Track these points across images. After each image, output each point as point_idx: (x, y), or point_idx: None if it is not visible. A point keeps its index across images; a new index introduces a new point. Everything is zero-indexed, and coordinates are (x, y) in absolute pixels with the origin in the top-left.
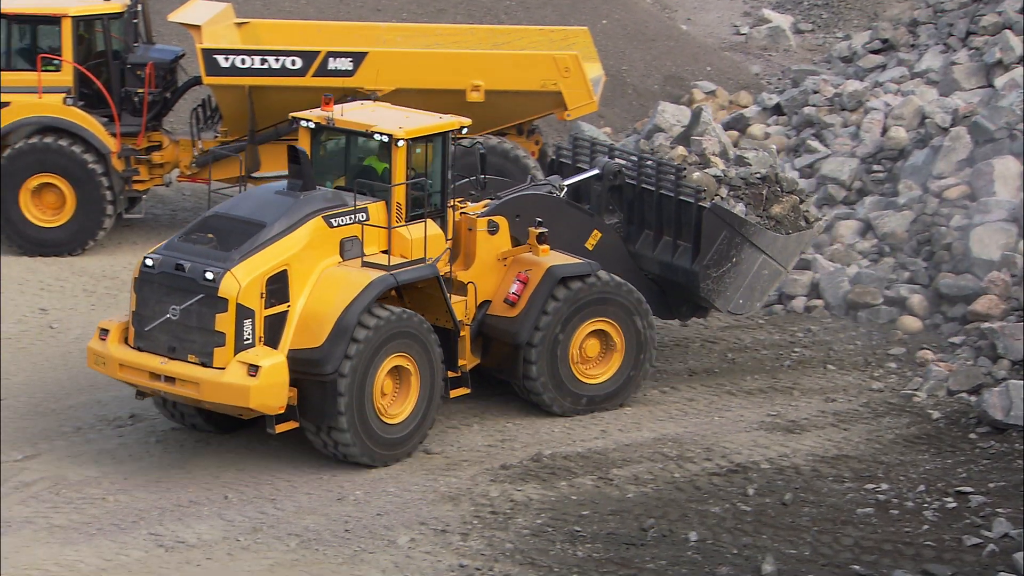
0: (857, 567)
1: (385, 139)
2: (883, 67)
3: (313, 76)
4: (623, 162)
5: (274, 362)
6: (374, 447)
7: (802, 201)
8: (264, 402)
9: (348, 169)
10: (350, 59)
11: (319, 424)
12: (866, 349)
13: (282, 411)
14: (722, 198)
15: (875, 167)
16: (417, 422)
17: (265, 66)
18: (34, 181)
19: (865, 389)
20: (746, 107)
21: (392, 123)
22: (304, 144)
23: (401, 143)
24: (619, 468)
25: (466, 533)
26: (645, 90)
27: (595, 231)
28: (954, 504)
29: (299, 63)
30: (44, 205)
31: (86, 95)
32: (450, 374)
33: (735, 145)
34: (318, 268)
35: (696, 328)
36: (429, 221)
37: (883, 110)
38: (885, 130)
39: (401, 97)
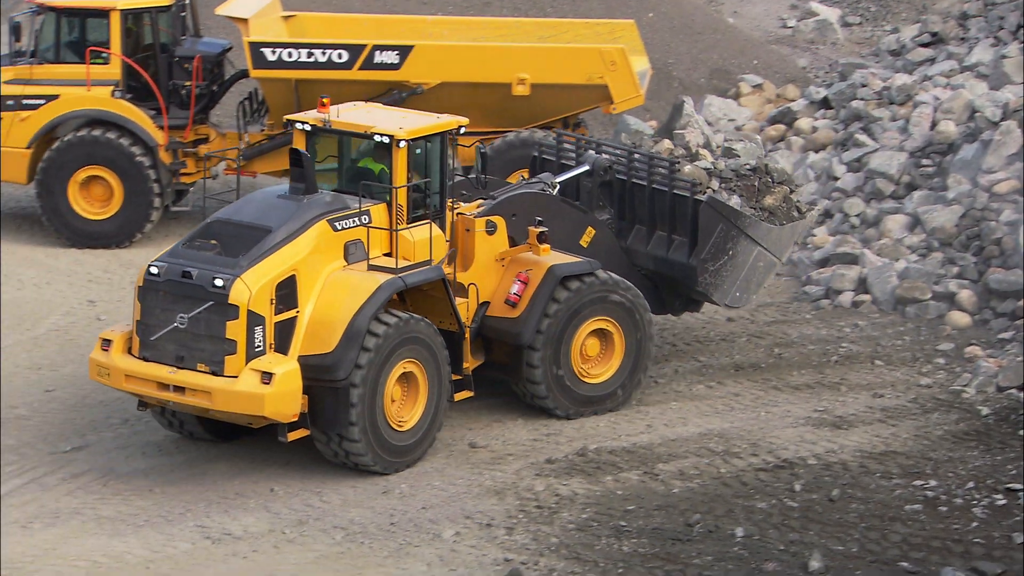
0: (905, 564)
1: (386, 140)
2: (932, 60)
3: (359, 69)
4: (612, 157)
5: (287, 369)
6: (385, 455)
7: (792, 191)
8: (278, 410)
9: (343, 171)
10: (396, 52)
11: (331, 432)
12: (914, 345)
13: (296, 419)
14: (714, 191)
15: (924, 161)
16: (426, 428)
17: (312, 59)
18: (82, 174)
19: (913, 385)
20: (793, 101)
21: (391, 124)
22: (299, 147)
23: (402, 144)
24: (665, 463)
25: (511, 527)
26: (691, 83)
27: (589, 228)
28: (1004, 501)
29: (345, 56)
30: (92, 197)
31: (134, 88)
32: (454, 377)
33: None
34: (324, 272)
35: (742, 323)
36: (430, 223)
37: (932, 104)
38: (934, 124)
39: (446, 91)
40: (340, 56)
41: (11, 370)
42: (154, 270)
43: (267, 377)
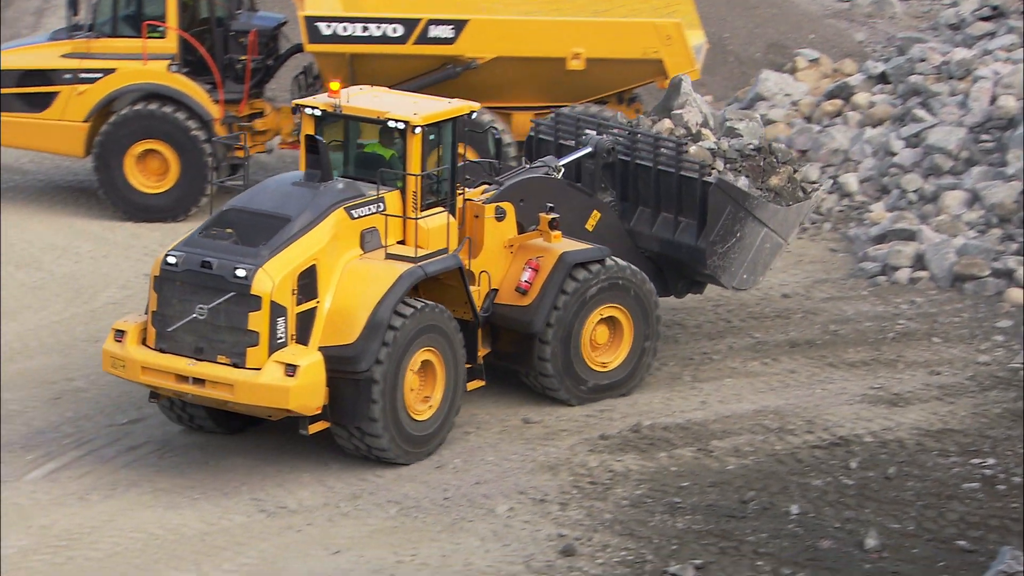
0: (962, 542)
1: (401, 126)
2: (992, 35)
3: (414, 44)
4: (615, 138)
5: (312, 361)
6: (405, 445)
7: (796, 171)
8: (303, 403)
9: (350, 157)
10: (451, 27)
11: (351, 424)
12: (972, 322)
13: (319, 411)
14: (719, 172)
15: (983, 136)
16: (443, 418)
17: (366, 33)
18: (138, 147)
19: (971, 362)
20: (850, 75)
21: (405, 109)
22: (309, 132)
23: (418, 130)
24: (719, 440)
25: (565, 503)
26: (747, 58)
27: (595, 211)
28: None
29: (400, 30)
30: (148, 171)
31: (190, 62)
32: (466, 365)
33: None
34: (341, 261)
35: (797, 299)
36: (446, 210)
37: (992, 78)
38: (994, 99)
39: (501, 65)
40: (395, 30)
41: (69, 343)
42: (171, 260)
43: (291, 369)
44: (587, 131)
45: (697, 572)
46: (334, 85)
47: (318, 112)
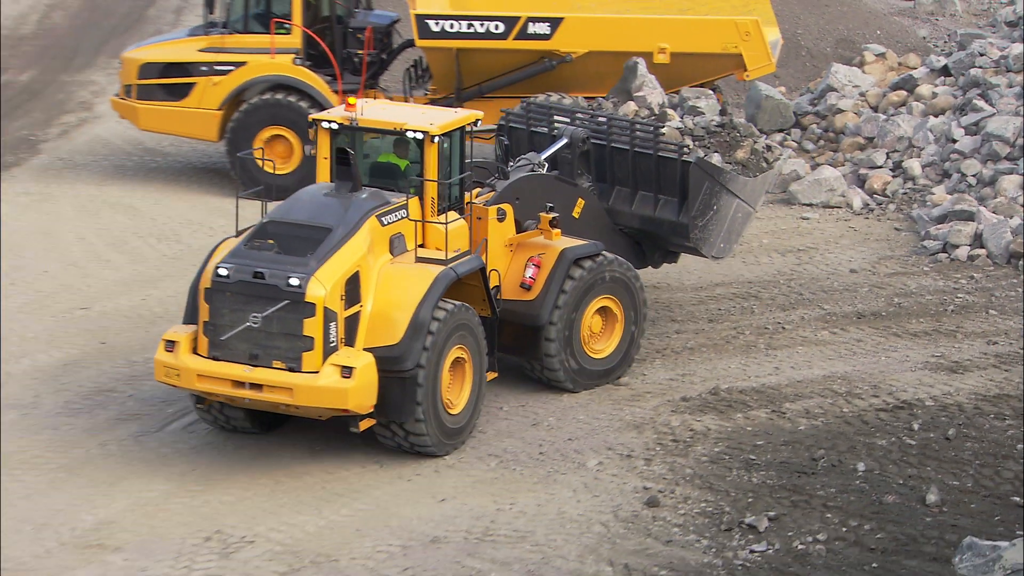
0: (1017, 499)
1: (420, 136)
2: None
3: (514, 39)
4: (590, 125)
5: (365, 362)
6: (443, 437)
7: (756, 143)
8: (360, 402)
9: (364, 168)
10: (548, 24)
11: (399, 419)
12: None
13: (372, 410)
14: (693, 150)
15: None
16: (472, 409)
17: (471, 30)
18: (266, 132)
19: None
20: (914, 68)
21: (421, 120)
22: (324, 145)
23: (435, 139)
24: (791, 402)
25: (649, 458)
26: (818, 52)
27: (580, 199)
28: None
29: (502, 27)
30: (275, 155)
31: (312, 56)
32: None
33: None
34: (376, 266)
35: (864, 275)
36: (467, 214)
37: None
38: None
39: (593, 59)
40: (497, 27)
41: None
42: (223, 272)
43: (348, 371)
44: (560, 123)
45: (771, 523)
46: (351, 100)
47: (335, 126)
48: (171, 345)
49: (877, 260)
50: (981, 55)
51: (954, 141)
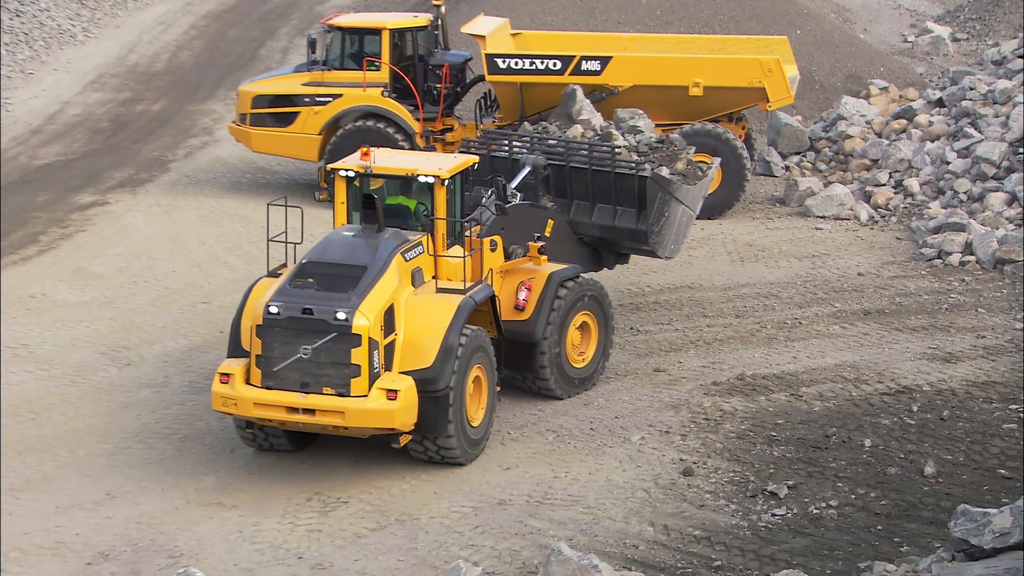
0: (1003, 471)
1: (431, 180)
2: None
3: (569, 75)
4: (550, 150)
5: (407, 385)
6: (468, 448)
7: (689, 154)
8: (404, 421)
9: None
10: (598, 61)
11: (433, 434)
12: (1010, 296)
13: (412, 427)
14: (643, 164)
15: (1020, 150)
16: (488, 420)
17: (533, 67)
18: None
19: (1010, 328)
20: (913, 100)
21: (429, 165)
22: (341, 191)
23: (445, 182)
24: (807, 387)
25: (685, 434)
26: (830, 86)
27: (550, 220)
28: None
29: (559, 65)
30: None
31: (398, 89)
32: None
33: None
34: (403, 298)
35: (870, 277)
36: (480, 248)
37: None
38: None
39: (637, 91)
40: (555, 64)
41: None
42: (273, 309)
43: (393, 394)
44: (521, 153)
45: (789, 491)
46: (364, 149)
47: (351, 174)
48: (226, 377)
49: (881, 265)
50: (971, 89)
51: (948, 163)
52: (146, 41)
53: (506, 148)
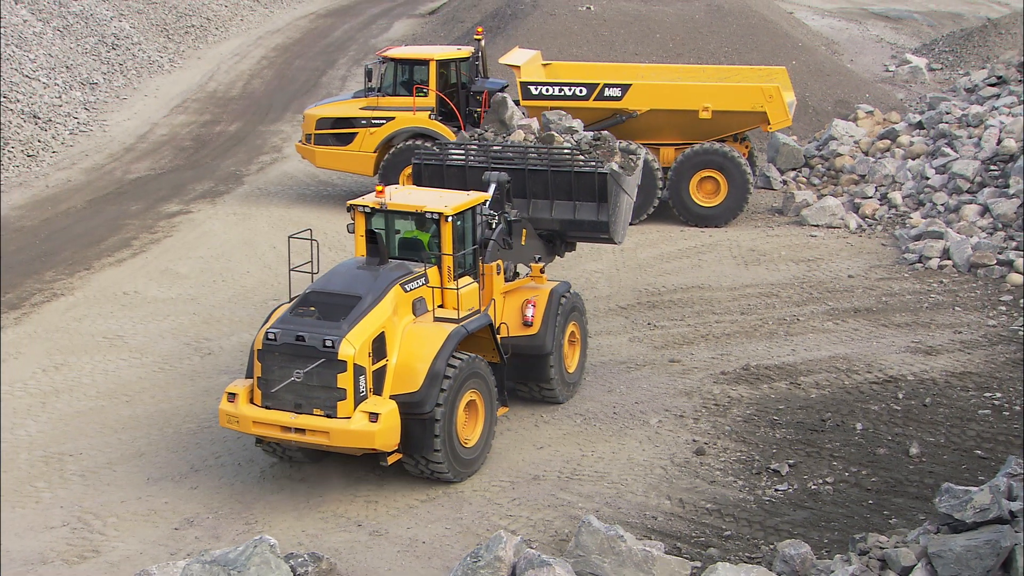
0: (979, 452)
1: (436, 216)
2: (998, 96)
3: (594, 100)
4: (503, 155)
5: (389, 409)
6: (458, 467)
7: (620, 147)
8: (385, 442)
9: (393, 242)
10: (619, 89)
11: (419, 454)
12: (984, 296)
13: (396, 447)
14: (601, 162)
15: (992, 167)
16: (484, 442)
17: (561, 93)
18: (409, 169)
19: (984, 325)
20: (896, 123)
21: (437, 202)
22: (360, 224)
23: (449, 219)
24: (805, 376)
25: (697, 418)
26: (822, 110)
27: (523, 229)
28: None
29: (584, 91)
30: None
31: (443, 112)
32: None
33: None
34: (400, 326)
35: (859, 279)
36: (480, 279)
37: (998, 126)
38: (999, 141)
39: (653, 115)
40: (581, 91)
41: None
42: (271, 335)
43: (374, 417)
44: (485, 174)
45: (790, 469)
46: (379, 187)
47: (368, 209)
48: (232, 397)
49: (869, 268)
50: (947, 113)
51: (927, 178)
52: (223, 70)
53: (462, 158)
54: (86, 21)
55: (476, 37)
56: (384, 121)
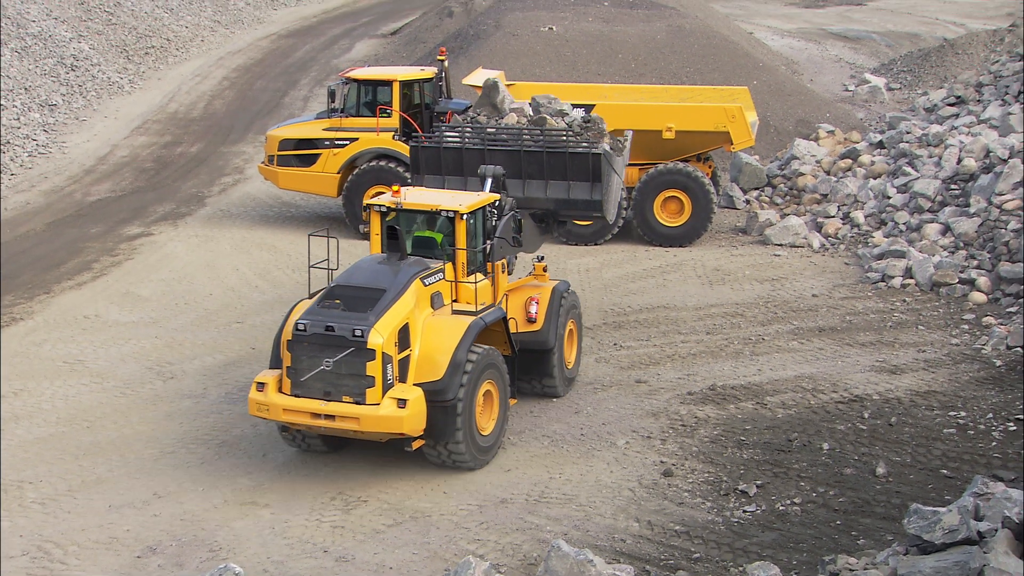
0: (945, 471)
1: (451, 215)
2: (957, 115)
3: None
4: (499, 137)
5: (416, 395)
6: (477, 454)
7: (608, 131)
8: (413, 427)
9: (411, 240)
10: (583, 109)
11: (442, 440)
12: (946, 315)
13: (421, 433)
14: (596, 143)
15: (952, 186)
16: (499, 431)
17: None
18: (373, 190)
19: (947, 343)
20: (857, 142)
21: (451, 202)
22: (376, 224)
23: (464, 217)
24: (771, 396)
25: (664, 439)
26: (783, 130)
27: (521, 220)
28: (1014, 428)
29: None
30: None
31: (407, 133)
32: None
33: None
34: (421, 318)
35: (823, 298)
36: (491, 274)
37: (958, 146)
38: (959, 160)
39: (617, 135)
40: None
41: None
42: (301, 326)
43: (402, 403)
44: (480, 168)
45: (758, 489)
46: (395, 188)
47: (384, 208)
48: (261, 386)
49: (832, 287)
50: (907, 133)
51: (889, 197)
52: (184, 91)
53: (458, 140)
54: (44, 42)
55: (439, 58)
56: (347, 142)
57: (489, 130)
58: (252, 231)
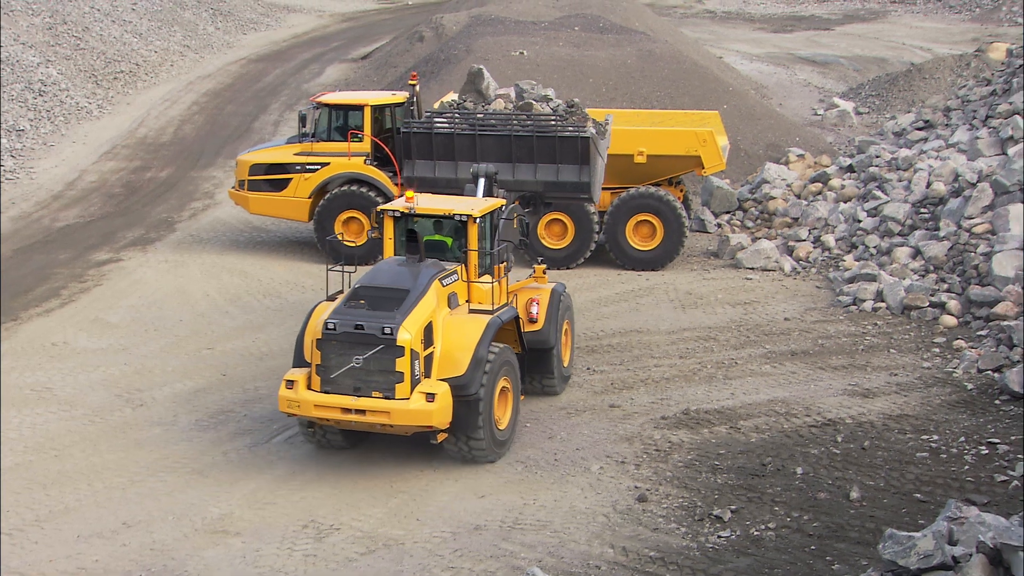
0: (918, 495)
1: (464, 218)
2: (925, 139)
3: None
4: (488, 122)
5: (444, 390)
6: (495, 447)
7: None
8: (441, 420)
9: (421, 243)
10: None
11: (465, 433)
12: (917, 339)
13: (447, 426)
14: (584, 127)
15: (922, 210)
16: (513, 425)
17: None
18: (344, 215)
19: (918, 367)
20: (827, 166)
21: (463, 206)
22: (388, 229)
23: (477, 220)
24: (745, 420)
25: (638, 464)
26: (753, 154)
27: (515, 215)
28: (986, 451)
29: None
30: (349, 232)
31: (378, 157)
32: None
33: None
34: (440, 317)
35: (795, 322)
36: (504, 276)
37: (927, 170)
38: (929, 184)
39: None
40: None
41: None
42: (330, 325)
43: (431, 397)
44: (472, 168)
45: (732, 514)
46: (409, 193)
47: (398, 214)
48: (291, 384)
49: (804, 311)
50: (877, 157)
51: (859, 221)
52: (154, 116)
53: (448, 125)
54: (12, 67)
55: (411, 82)
56: (318, 167)
57: (479, 116)
58: (222, 256)
